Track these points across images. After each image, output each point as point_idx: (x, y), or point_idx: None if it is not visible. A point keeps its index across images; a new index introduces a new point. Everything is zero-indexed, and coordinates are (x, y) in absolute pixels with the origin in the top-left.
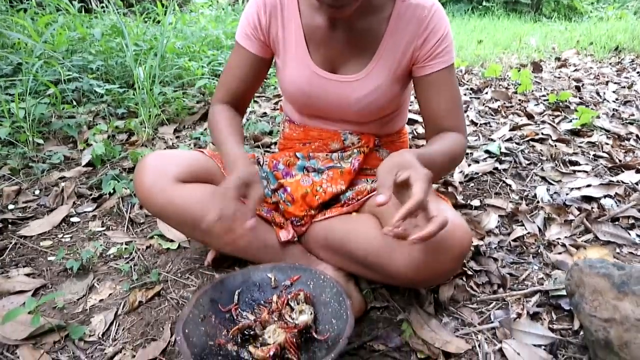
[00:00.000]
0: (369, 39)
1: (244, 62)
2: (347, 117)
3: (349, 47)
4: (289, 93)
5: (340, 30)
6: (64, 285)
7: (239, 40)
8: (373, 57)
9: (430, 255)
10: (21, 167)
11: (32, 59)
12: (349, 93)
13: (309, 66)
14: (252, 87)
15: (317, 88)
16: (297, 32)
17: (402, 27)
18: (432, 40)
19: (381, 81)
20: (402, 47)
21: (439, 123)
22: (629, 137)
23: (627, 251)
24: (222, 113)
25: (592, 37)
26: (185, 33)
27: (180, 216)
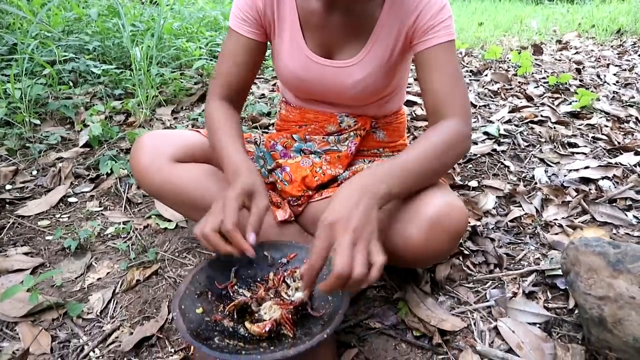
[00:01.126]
0: (364, 24)
1: (240, 49)
2: (342, 101)
3: (344, 31)
4: (284, 78)
5: (335, 15)
6: (62, 264)
7: (233, 26)
8: (367, 41)
9: (427, 235)
10: (18, 148)
11: (27, 39)
12: (343, 78)
13: (303, 51)
14: (250, 76)
15: (312, 73)
16: (292, 16)
17: (396, 9)
18: (427, 15)
19: (376, 65)
20: (396, 29)
21: (438, 106)
22: (628, 119)
23: (623, 232)
24: (220, 112)
25: (594, 20)
26: (183, 14)
27: (177, 196)
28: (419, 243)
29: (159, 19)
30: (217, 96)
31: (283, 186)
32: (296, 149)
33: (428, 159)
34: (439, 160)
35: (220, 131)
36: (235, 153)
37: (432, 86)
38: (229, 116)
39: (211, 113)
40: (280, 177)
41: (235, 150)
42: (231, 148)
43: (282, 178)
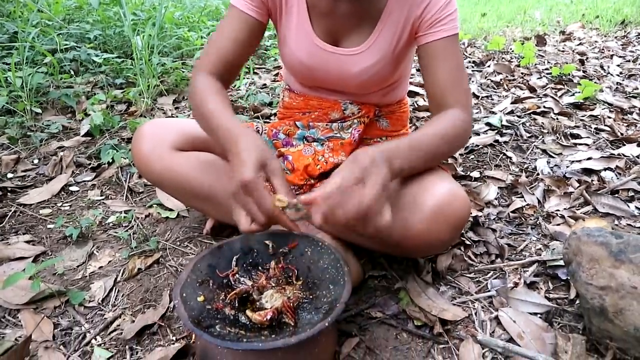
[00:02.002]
0: (371, 12)
1: (240, 26)
2: (347, 88)
3: (351, 19)
4: (290, 64)
5: (343, 2)
6: (64, 253)
7: (236, 3)
8: (374, 30)
9: (429, 224)
10: (20, 136)
11: (28, 27)
12: (349, 66)
13: (311, 38)
14: (245, 54)
15: (318, 60)
16: (300, 3)
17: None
18: (434, 8)
19: (382, 54)
20: (403, 19)
21: (442, 97)
22: (631, 110)
23: (625, 223)
24: (208, 84)
25: (598, 10)
26: (184, 3)
27: (177, 184)
28: (421, 232)
29: (160, 8)
30: (206, 70)
31: (286, 175)
32: (299, 136)
33: (438, 142)
34: (447, 144)
35: (210, 102)
36: (228, 120)
37: (437, 77)
38: (216, 88)
39: (197, 86)
40: (283, 166)
41: (228, 118)
42: (224, 117)
43: (285, 167)
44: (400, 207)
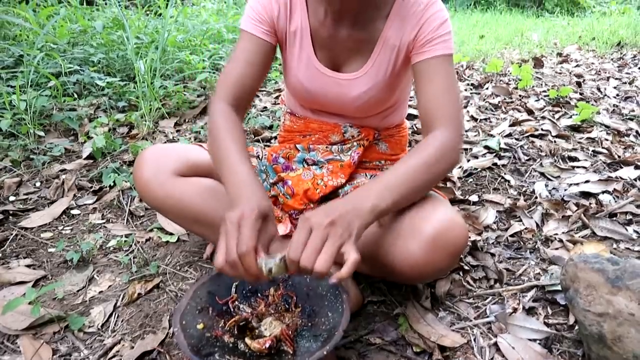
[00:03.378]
0: (369, 39)
1: (253, 49)
2: (346, 112)
3: (350, 45)
4: (292, 87)
5: (343, 28)
6: (64, 277)
7: (246, 27)
8: (371, 54)
9: (427, 251)
10: (22, 159)
11: (33, 50)
12: (347, 91)
13: (313, 63)
14: (259, 77)
15: (319, 84)
16: (303, 27)
17: (399, 24)
18: (427, 28)
19: (379, 78)
20: (399, 43)
21: (430, 116)
22: (628, 133)
23: (624, 247)
24: (224, 118)
25: (595, 33)
26: (187, 26)
27: (179, 210)
28: (420, 259)
29: (163, 32)
30: (223, 98)
31: (285, 200)
32: (299, 159)
33: (417, 173)
34: (428, 173)
35: (223, 139)
36: (242, 167)
37: (426, 96)
38: (234, 123)
39: (215, 118)
40: (282, 191)
41: (242, 164)
42: (236, 159)
43: (284, 192)
44: (398, 234)
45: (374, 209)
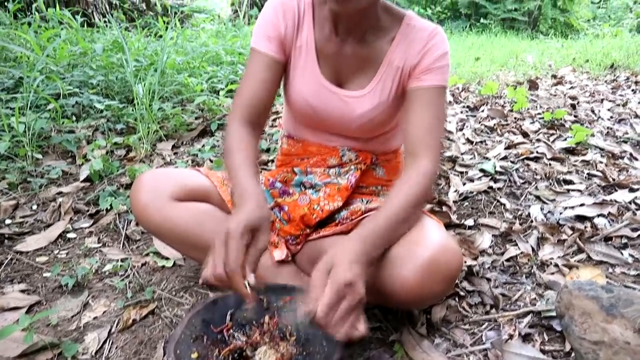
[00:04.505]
0: (374, 58)
1: (263, 66)
2: (347, 132)
3: (355, 62)
4: (295, 103)
5: (348, 45)
6: (59, 302)
7: (256, 46)
8: (376, 74)
9: (421, 277)
10: (19, 182)
11: (33, 73)
12: (351, 108)
13: (317, 78)
14: (271, 94)
15: (323, 100)
16: (309, 42)
17: (404, 48)
18: (429, 58)
19: (382, 99)
20: (402, 66)
21: (415, 143)
22: (623, 155)
23: (619, 271)
24: (237, 136)
25: (588, 55)
26: (186, 48)
27: (176, 235)
28: (415, 285)
29: (162, 55)
30: (238, 118)
31: (282, 225)
32: (296, 182)
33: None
34: (415, 209)
35: (234, 155)
36: (246, 180)
37: (415, 123)
38: (246, 141)
39: (230, 136)
40: (279, 217)
41: (246, 177)
42: (242, 173)
43: (281, 217)
44: (393, 259)
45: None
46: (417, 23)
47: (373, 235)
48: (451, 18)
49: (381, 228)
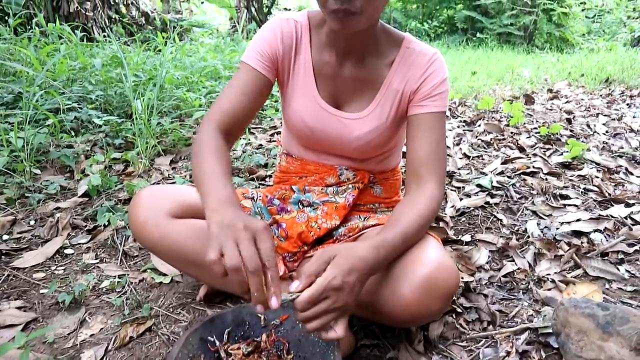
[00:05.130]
0: (373, 81)
1: (250, 81)
2: (345, 152)
3: (354, 85)
4: (293, 124)
5: (347, 67)
6: (55, 319)
7: (248, 60)
8: (374, 98)
9: (418, 295)
10: (17, 197)
11: (32, 88)
12: (350, 130)
13: (315, 99)
14: (253, 109)
15: (321, 122)
16: (307, 65)
17: (404, 72)
18: (429, 84)
19: (380, 122)
20: (401, 90)
21: (419, 168)
22: (618, 170)
23: (616, 287)
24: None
25: (583, 69)
26: (184, 63)
27: (173, 251)
28: (411, 303)
29: (161, 70)
30: (214, 124)
31: (279, 242)
32: (294, 200)
33: (410, 236)
34: (421, 234)
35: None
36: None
37: (418, 148)
38: (222, 148)
39: (204, 140)
40: (277, 234)
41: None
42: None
43: (279, 234)
44: (390, 277)
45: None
46: (416, 47)
47: (385, 247)
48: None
49: (392, 244)
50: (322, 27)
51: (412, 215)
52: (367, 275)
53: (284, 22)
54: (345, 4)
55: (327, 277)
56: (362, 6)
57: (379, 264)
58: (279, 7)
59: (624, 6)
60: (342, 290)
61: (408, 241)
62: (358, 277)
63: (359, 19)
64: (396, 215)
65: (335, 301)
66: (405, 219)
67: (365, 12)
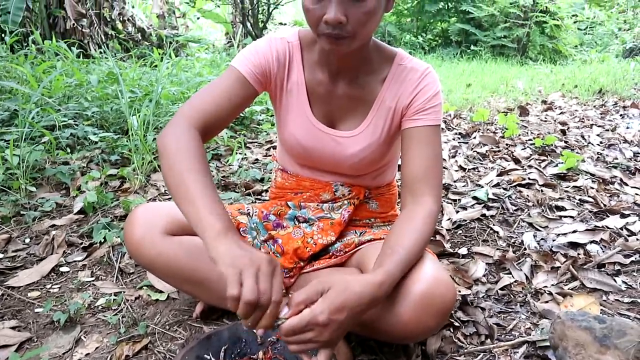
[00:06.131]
0: (366, 98)
1: (237, 87)
2: (340, 169)
3: (347, 103)
4: (288, 144)
5: (340, 86)
6: (50, 339)
7: (240, 67)
8: (367, 115)
9: (415, 312)
10: (12, 215)
11: (28, 105)
12: (344, 148)
13: (309, 119)
14: (233, 116)
15: (315, 141)
16: (299, 84)
17: (396, 88)
18: (421, 98)
19: (374, 138)
20: (394, 106)
21: (415, 182)
22: (613, 180)
23: (613, 298)
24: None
25: (577, 80)
26: (180, 79)
27: (169, 269)
28: (408, 320)
29: (157, 86)
30: (193, 122)
31: (275, 258)
32: (290, 216)
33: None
34: (418, 255)
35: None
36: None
37: (413, 162)
38: (202, 156)
39: (180, 140)
40: (273, 249)
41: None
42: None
43: (275, 250)
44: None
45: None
46: (408, 63)
47: (388, 282)
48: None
49: (394, 276)
50: (314, 45)
51: (412, 237)
52: (362, 312)
53: (278, 41)
54: (337, 29)
55: (313, 311)
56: (354, 30)
57: (378, 300)
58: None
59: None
60: (327, 327)
61: (410, 265)
62: (349, 315)
63: (351, 42)
64: (395, 238)
65: (319, 335)
66: (406, 242)
67: (357, 35)
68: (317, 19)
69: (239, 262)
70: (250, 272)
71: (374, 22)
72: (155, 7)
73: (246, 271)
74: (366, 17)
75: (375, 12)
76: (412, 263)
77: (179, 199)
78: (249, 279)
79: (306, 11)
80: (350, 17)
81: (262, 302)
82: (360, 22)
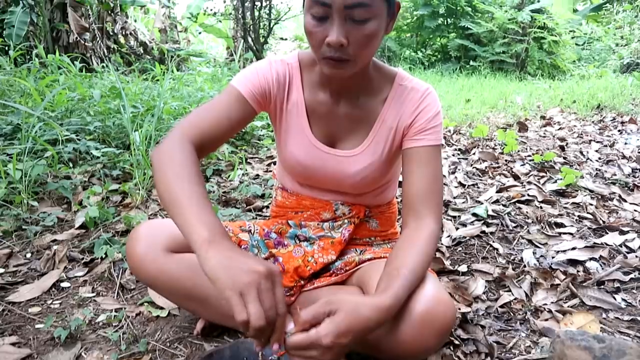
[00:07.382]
0: (366, 117)
1: (236, 107)
2: (341, 188)
3: (348, 123)
4: (288, 163)
5: (341, 106)
6: (50, 355)
7: (240, 87)
8: (368, 135)
9: (415, 331)
10: (14, 230)
11: (31, 119)
12: (345, 167)
13: (309, 140)
14: (230, 135)
15: (316, 161)
16: (299, 105)
17: (397, 108)
18: (422, 118)
19: (375, 158)
20: (395, 126)
21: (416, 202)
22: (612, 197)
23: (613, 316)
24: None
25: (575, 95)
26: (182, 93)
27: (171, 286)
28: (409, 340)
29: (159, 102)
30: (192, 139)
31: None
32: (291, 235)
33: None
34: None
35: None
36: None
37: (414, 182)
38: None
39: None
40: None
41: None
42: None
43: None
44: None
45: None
46: (409, 83)
47: (396, 306)
48: (441, 60)
49: (401, 300)
50: (314, 67)
51: (417, 259)
52: (366, 335)
53: (278, 63)
54: (339, 52)
55: (319, 333)
56: (355, 54)
57: (383, 323)
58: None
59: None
60: (331, 350)
61: (414, 287)
62: (353, 338)
63: (352, 65)
64: (400, 260)
65: (322, 355)
66: (411, 264)
67: (358, 58)
68: (319, 42)
69: (238, 282)
70: (252, 296)
71: (374, 44)
72: (157, 22)
73: (247, 295)
74: (367, 40)
75: (376, 34)
76: (416, 285)
77: (169, 209)
78: (252, 303)
79: (308, 34)
80: (351, 40)
81: (270, 320)
82: (361, 44)
